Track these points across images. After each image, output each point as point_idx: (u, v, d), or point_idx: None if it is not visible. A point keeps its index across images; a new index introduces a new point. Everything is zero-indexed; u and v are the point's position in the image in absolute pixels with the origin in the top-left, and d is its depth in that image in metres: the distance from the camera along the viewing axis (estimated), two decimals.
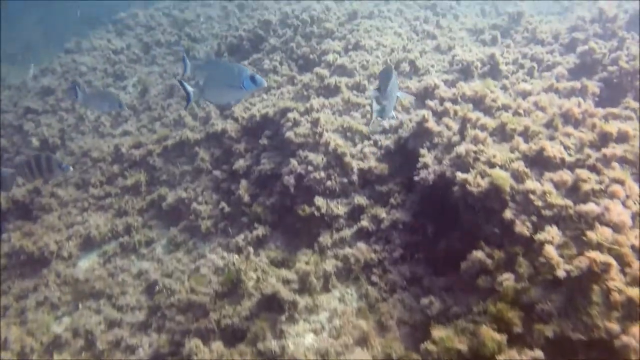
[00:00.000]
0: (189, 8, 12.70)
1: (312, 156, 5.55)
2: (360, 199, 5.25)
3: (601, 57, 6.04)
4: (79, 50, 11.43)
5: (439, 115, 5.38)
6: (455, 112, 5.26)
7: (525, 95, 5.57)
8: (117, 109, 6.70)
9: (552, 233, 3.62)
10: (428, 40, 8.14)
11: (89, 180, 7.27)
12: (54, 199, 7.09)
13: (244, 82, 4.20)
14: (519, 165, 4.11)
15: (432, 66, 6.83)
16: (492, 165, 4.26)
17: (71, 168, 5.46)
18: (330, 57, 7.25)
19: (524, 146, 4.30)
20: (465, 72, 6.36)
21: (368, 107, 6.11)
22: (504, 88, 6.06)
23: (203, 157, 6.93)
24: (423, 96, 6.05)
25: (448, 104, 5.33)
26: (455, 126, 5.11)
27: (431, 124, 5.14)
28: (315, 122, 5.80)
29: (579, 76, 6.10)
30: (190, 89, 4.41)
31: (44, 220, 6.77)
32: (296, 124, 6.08)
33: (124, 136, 8.18)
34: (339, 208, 5.24)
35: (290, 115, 6.15)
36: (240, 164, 6.42)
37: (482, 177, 4.16)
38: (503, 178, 4.01)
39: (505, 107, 5.33)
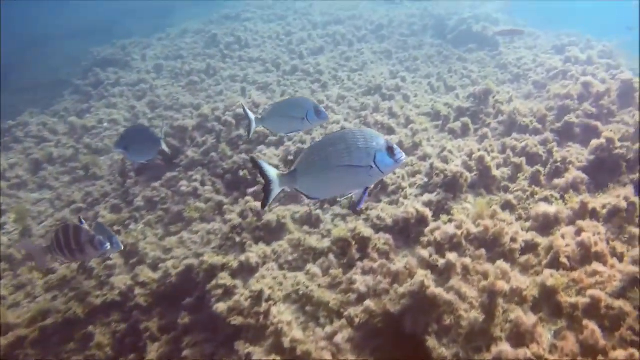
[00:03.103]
0: (90, 111, 10.71)
1: (258, 353, 3.59)
2: None
3: (625, 152, 4.59)
4: None
5: (439, 273, 3.62)
6: (467, 270, 3.51)
7: (550, 223, 3.94)
8: (115, 250, 4.66)
9: None
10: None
11: None
12: None
13: (308, 114, 4.09)
14: None
15: (403, 177, 5.16)
16: None
17: (121, 246, 4.52)
18: None
19: (616, 352, 2.56)
20: (452, 187, 4.70)
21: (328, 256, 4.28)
22: (510, 208, 4.44)
23: (100, 341, 4.79)
24: (403, 231, 4.33)
25: (452, 256, 3.58)
26: (472, 293, 3.35)
27: (434, 291, 3.36)
28: (256, 297, 3.89)
29: (600, 179, 4.61)
30: (252, 115, 4.34)
31: None
32: (228, 292, 4.16)
33: None
34: None
35: (220, 279, 4.23)
36: (152, 356, 4.35)
37: None
38: None
39: (533, 248, 3.67)
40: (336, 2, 16.60)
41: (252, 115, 4.34)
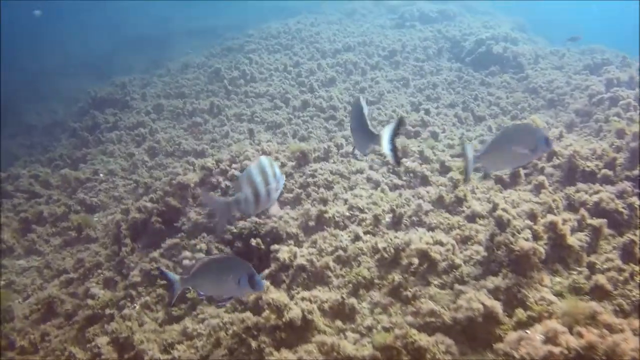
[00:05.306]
0: (86, 159, 9.85)
1: None
2: None
3: None
4: None
5: None
6: None
7: None
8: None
9: None
10: (420, 189, 5.59)
11: None
12: None
13: (538, 143, 3.39)
14: None
15: (453, 249, 4.17)
16: None
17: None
18: (284, 254, 4.48)
19: None
20: (522, 267, 3.71)
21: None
22: (605, 295, 3.44)
23: None
24: (465, 330, 3.33)
25: None
26: None
27: None
28: None
29: None
30: (470, 154, 3.42)
31: None
32: None
33: None
34: None
35: None
36: None
37: None
38: None
39: None
40: (342, 28, 15.84)
41: (470, 154, 3.44)
